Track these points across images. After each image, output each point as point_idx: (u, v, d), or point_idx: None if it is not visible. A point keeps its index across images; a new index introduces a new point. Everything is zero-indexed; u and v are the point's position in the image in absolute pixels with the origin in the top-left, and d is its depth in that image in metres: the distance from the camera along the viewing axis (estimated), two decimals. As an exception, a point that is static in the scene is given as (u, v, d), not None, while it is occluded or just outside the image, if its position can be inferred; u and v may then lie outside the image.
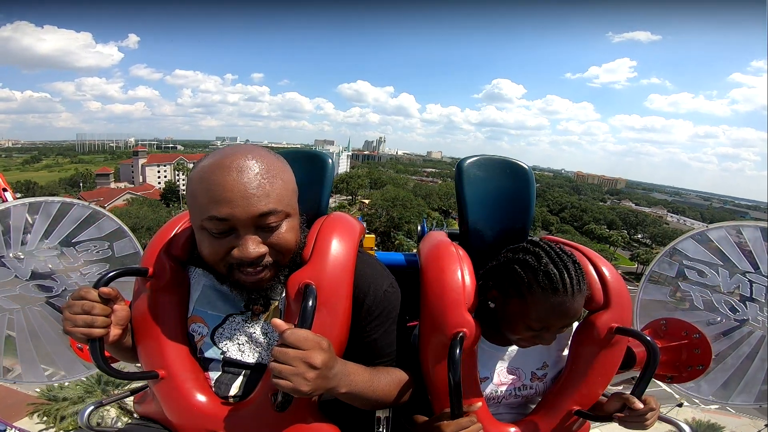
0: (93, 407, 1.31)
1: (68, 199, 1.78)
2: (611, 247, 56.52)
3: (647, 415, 1.02)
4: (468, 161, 1.47)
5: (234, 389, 1.03)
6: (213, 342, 1.05)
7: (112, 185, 72.53)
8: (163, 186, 71.17)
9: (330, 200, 1.40)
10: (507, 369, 1.19)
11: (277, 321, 0.85)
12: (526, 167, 1.49)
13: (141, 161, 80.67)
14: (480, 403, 1.08)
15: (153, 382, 1.04)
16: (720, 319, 1.61)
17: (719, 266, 1.63)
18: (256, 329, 1.05)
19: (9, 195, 1.73)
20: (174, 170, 77.94)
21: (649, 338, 1.06)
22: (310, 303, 0.90)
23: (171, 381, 1.01)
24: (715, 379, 1.60)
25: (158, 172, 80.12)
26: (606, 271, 1.14)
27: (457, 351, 0.99)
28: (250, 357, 1.04)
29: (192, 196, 0.89)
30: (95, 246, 1.78)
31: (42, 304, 1.73)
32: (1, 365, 1.72)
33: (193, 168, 0.92)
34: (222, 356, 1.04)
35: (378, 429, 1.19)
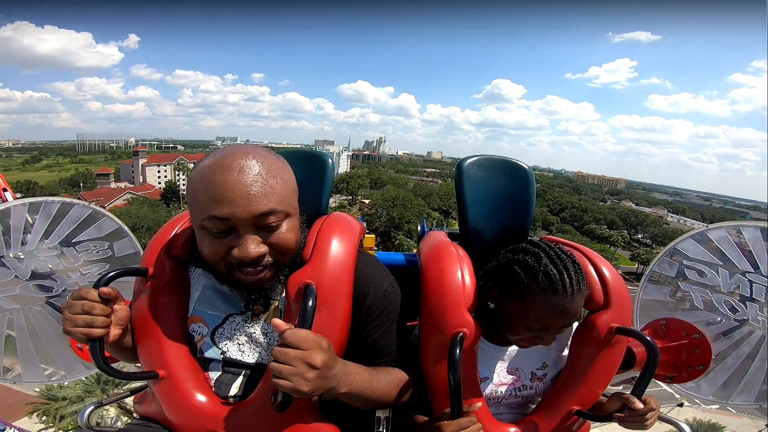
0: (93, 407, 1.30)
1: (68, 199, 1.78)
2: (611, 247, 56.50)
3: (647, 415, 1.02)
4: (468, 161, 1.47)
5: (234, 389, 1.03)
6: (213, 342, 1.05)
7: (113, 185, 72.54)
8: (164, 186, 71.14)
9: (330, 200, 1.40)
10: (507, 369, 1.19)
11: (277, 321, 0.85)
12: (526, 167, 1.49)
13: (141, 161, 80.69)
14: (480, 404, 1.07)
15: (153, 382, 1.04)
16: (720, 319, 1.61)
17: (719, 266, 1.63)
18: (256, 329, 1.04)
19: (9, 195, 1.73)
20: (174, 170, 77.94)
21: (649, 338, 1.06)
22: (310, 303, 0.90)
23: (171, 381, 1.01)
24: (715, 379, 1.60)
25: (158, 172, 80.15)
26: (606, 271, 1.14)
27: (457, 351, 0.99)
28: (250, 357, 1.04)
29: (192, 195, 0.89)
30: (95, 246, 1.78)
31: (42, 304, 1.73)
32: (1, 365, 1.72)
33: (194, 168, 0.92)
34: (222, 356, 1.04)
35: (378, 429, 1.19)
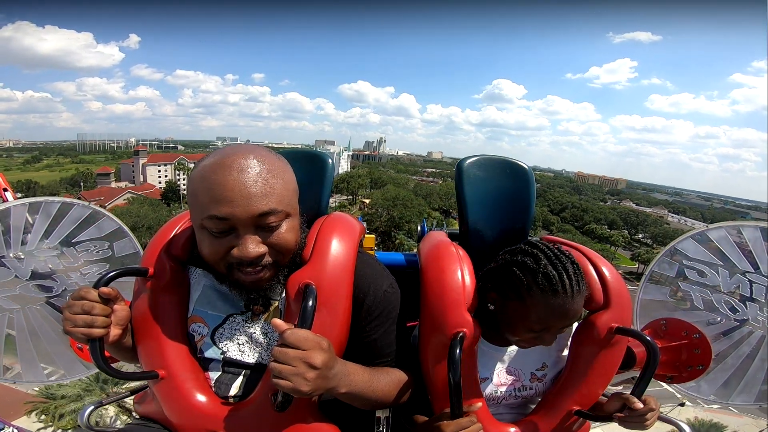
0: (93, 407, 1.31)
1: (68, 199, 1.78)
2: (612, 247, 56.47)
3: (647, 415, 1.02)
4: (468, 161, 1.47)
5: (234, 389, 1.03)
6: (213, 342, 1.05)
7: (113, 185, 72.55)
8: (164, 185, 71.14)
9: (330, 200, 1.40)
10: (506, 369, 1.19)
11: (277, 321, 0.85)
12: (526, 167, 1.49)
13: (142, 161, 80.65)
14: (480, 404, 1.07)
15: (153, 382, 1.04)
16: (720, 319, 1.61)
17: (719, 266, 1.63)
18: (256, 329, 1.04)
19: (9, 195, 1.73)
20: (175, 170, 77.93)
21: (649, 338, 1.06)
22: (310, 303, 0.90)
23: (171, 381, 1.01)
24: (715, 379, 1.60)
25: (159, 171, 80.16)
26: (606, 271, 1.14)
27: (457, 351, 0.99)
28: (250, 357, 1.03)
29: (193, 195, 0.89)
30: (95, 246, 1.78)
31: (42, 304, 1.73)
32: (1, 364, 1.72)
33: (195, 167, 0.92)
34: (222, 356, 1.04)
35: (378, 429, 1.19)
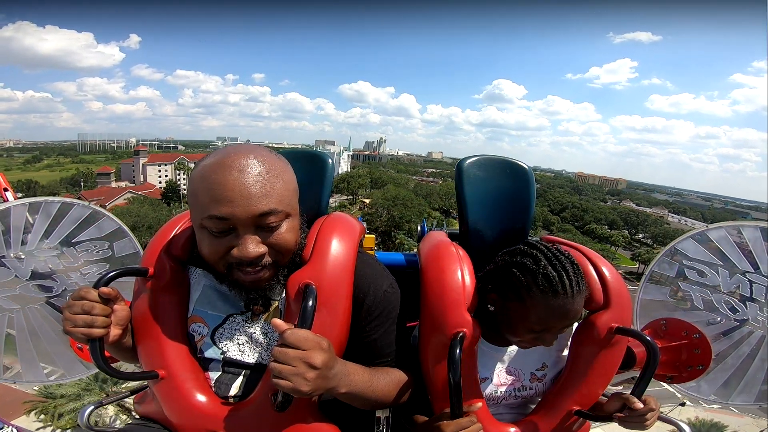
0: (93, 407, 1.30)
1: (68, 199, 1.78)
2: (612, 247, 56.45)
3: (647, 415, 1.02)
4: (468, 161, 1.47)
5: (234, 389, 1.03)
6: (213, 342, 1.05)
7: (113, 184, 72.54)
8: (164, 185, 71.11)
9: (330, 200, 1.40)
10: (506, 370, 1.19)
11: (277, 321, 0.85)
12: (526, 167, 1.49)
13: (142, 161, 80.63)
14: (480, 404, 1.07)
15: (153, 382, 1.04)
16: (720, 319, 1.61)
17: (719, 266, 1.63)
18: (256, 329, 1.04)
19: (10, 195, 1.73)
20: (175, 169, 77.90)
21: (649, 338, 1.06)
22: (310, 303, 0.90)
23: (171, 381, 1.01)
24: (715, 379, 1.59)
25: (159, 171, 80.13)
26: (606, 271, 1.14)
27: (457, 351, 0.99)
28: (250, 357, 1.04)
29: (193, 194, 0.89)
30: (95, 246, 1.78)
31: (42, 304, 1.73)
32: (1, 364, 1.72)
33: (195, 167, 0.92)
34: (222, 356, 1.04)
35: (378, 429, 1.19)
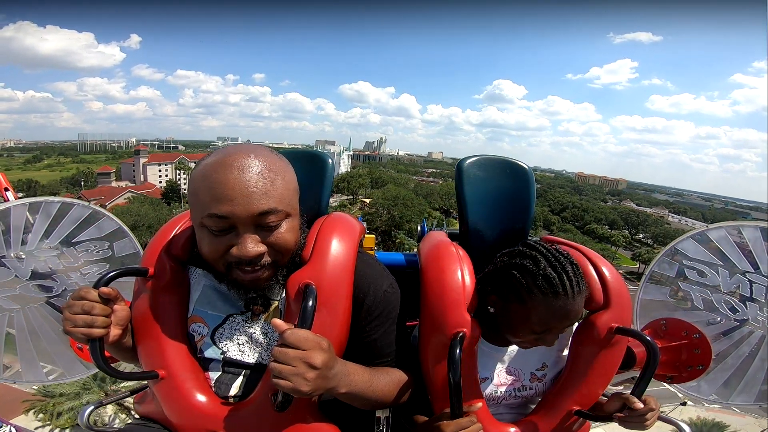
0: (93, 407, 1.30)
1: (68, 199, 1.78)
2: (613, 247, 56.42)
3: (647, 415, 1.02)
4: (468, 161, 1.47)
5: (234, 389, 1.03)
6: (213, 342, 1.05)
7: (114, 184, 72.54)
8: (164, 185, 71.10)
9: (331, 199, 1.40)
10: (506, 369, 1.19)
11: (277, 321, 0.85)
12: (526, 167, 1.49)
13: (142, 160, 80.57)
14: (480, 404, 1.07)
15: (153, 382, 1.04)
16: (720, 319, 1.61)
17: (719, 266, 1.63)
18: (256, 329, 1.04)
19: (10, 194, 1.73)
20: (175, 169, 77.87)
21: (649, 338, 1.06)
22: (310, 303, 0.90)
23: (171, 381, 1.01)
24: (715, 379, 1.59)
25: (159, 171, 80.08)
26: (606, 271, 1.14)
27: (457, 351, 0.99)
28: (250, 357, 1.04)
29: (193, 193, 0.89)
30: (95, 246, 1.78)
31: (42, 304, 1.73)
32: (1, 364, 1.72)
33: (196, 166, 0.92)
34: (222, 356, 1.04)
35: (378, 429, 1.19)
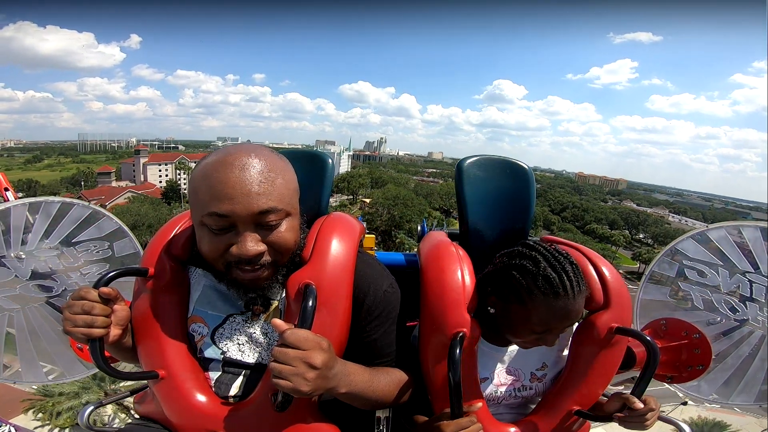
0: (93, 407, 1.30)
1: (68, 199, 1.78)
2: (613, 247, 56.40)
3: (647, 415, 1.02)
4: (468, 161, 1.47)
5: (234, 389, 1.03)
6: (213, 342, 1.05)
7: (114, 184, 72.52)
8: (165, 185, 71.06)
9: (331, 199, 1.40)
10: (506, 369, 1.19)
11: (277, 321, 0.85)
12: (526, 167, 1.49)
13: (142, 160, 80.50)
14: (480, 404, 1.07)
15: (153, 382, 1.04)
16: (720, 319, 1.61)
17: (719, 266, 1.63)
18: (256, 329, 1.04)
19: (10, 194, 1.73)
20: (175, 169, 77.81)
21: (649, 338, 1.06)
22: (310, 303, 0.90)
23: (171, 381, 1.01)
24: (715, 379, 1.59)
25: (160, 171, 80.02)
26: (606, 271, 1.14)
27: (457, 351, 0.99)
28: (250, 357, 1.04)
29: (194, 192, 0.89)
30: (95, 246, 1.78)
31: (42, 304, 1.73)
32: (0, 364, 1.72)
33: (197, 165, 0.92)
34: (222, 356, 1.04)
35: (378, 429, 1.19)
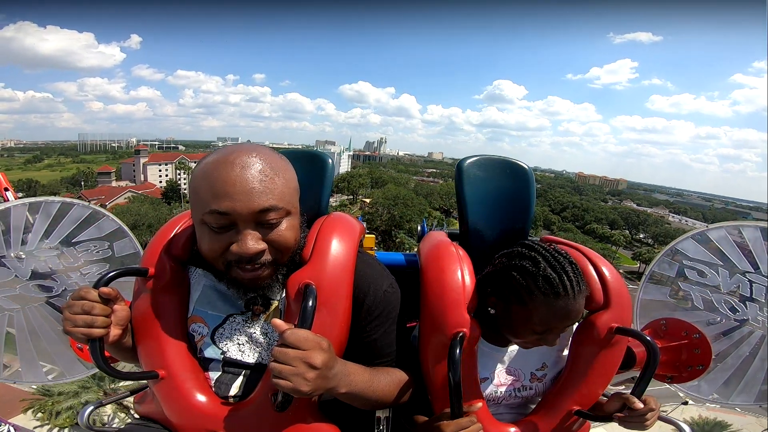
0: (93, 407, 1.30)
1: (68, 199, 1.78)
2: (613, 247, 56.39)
3: (647, 415, 1.02)
4: (468, 161, 1.47)
5: (234, 389, 1.03)
6: (213, 342, 1.05)
7: (114, 184, 72.49)
8: (165, 185, 71.02)
9: (331, 199, 1.41)
10: (506, 369, 1.19)
11: (277, 321, 0.85)
12: (526, 167, 1.49)
13: (143, 160, 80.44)
14: (480, 404, 1.07)
15: (153, 382, 1.04)
16: (720, 319, 1.61)
17: (719, 266, 1.63)
18: (256, 329, 1.05)
19: (10, 194, 1.73)
20: (175, 169, 77.77)
21: (649, 338, 1.06)
22: (310, 303, 0.90)
23: (171, 381, 1.01)
24: (715, 379, 1.60)
25: (160, 171, 79.96)
26: (606, 271, 1.14)
27: (457, 351, 0.99)
28: (250, 357, 1.04)
29: (194, 191, 0.90)
30: (95, 246, 1.78)
31: (42, 304, 1.73)
32: (1, 364, 1.72)
33: (197, 165, 0.92)
34: (222, 356, 1.04)
35: (378, 429, 1.19)
